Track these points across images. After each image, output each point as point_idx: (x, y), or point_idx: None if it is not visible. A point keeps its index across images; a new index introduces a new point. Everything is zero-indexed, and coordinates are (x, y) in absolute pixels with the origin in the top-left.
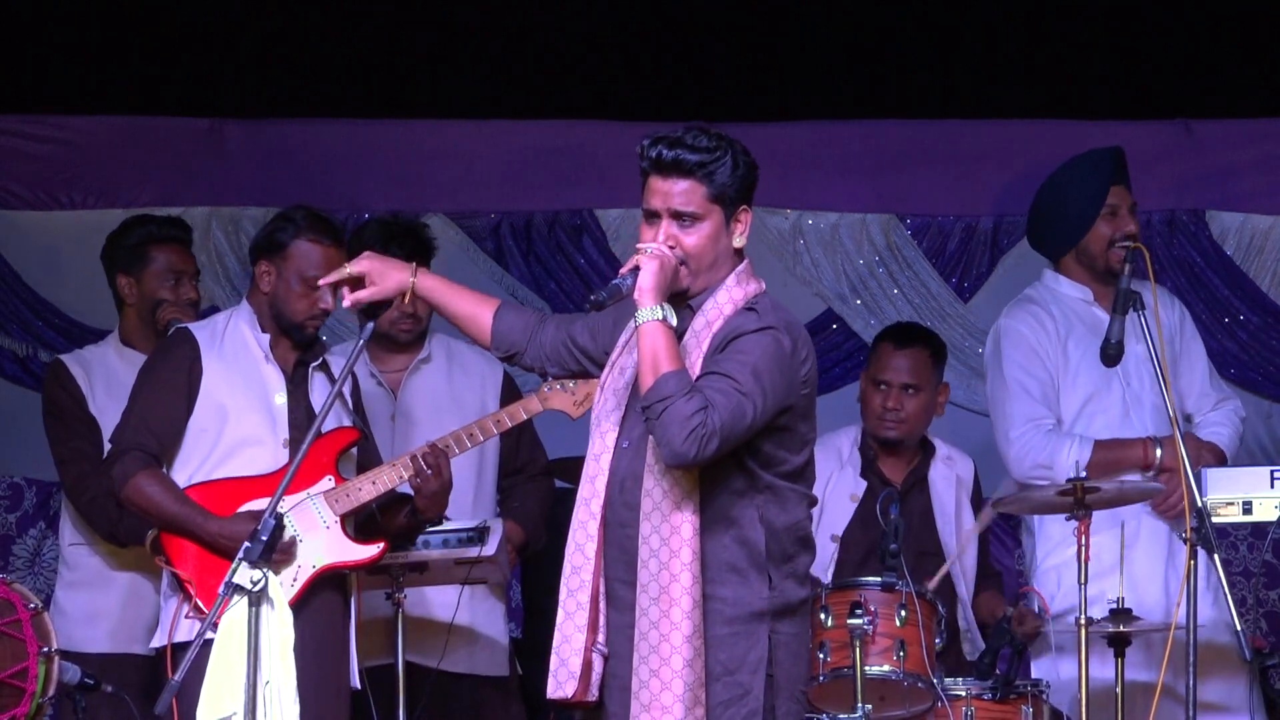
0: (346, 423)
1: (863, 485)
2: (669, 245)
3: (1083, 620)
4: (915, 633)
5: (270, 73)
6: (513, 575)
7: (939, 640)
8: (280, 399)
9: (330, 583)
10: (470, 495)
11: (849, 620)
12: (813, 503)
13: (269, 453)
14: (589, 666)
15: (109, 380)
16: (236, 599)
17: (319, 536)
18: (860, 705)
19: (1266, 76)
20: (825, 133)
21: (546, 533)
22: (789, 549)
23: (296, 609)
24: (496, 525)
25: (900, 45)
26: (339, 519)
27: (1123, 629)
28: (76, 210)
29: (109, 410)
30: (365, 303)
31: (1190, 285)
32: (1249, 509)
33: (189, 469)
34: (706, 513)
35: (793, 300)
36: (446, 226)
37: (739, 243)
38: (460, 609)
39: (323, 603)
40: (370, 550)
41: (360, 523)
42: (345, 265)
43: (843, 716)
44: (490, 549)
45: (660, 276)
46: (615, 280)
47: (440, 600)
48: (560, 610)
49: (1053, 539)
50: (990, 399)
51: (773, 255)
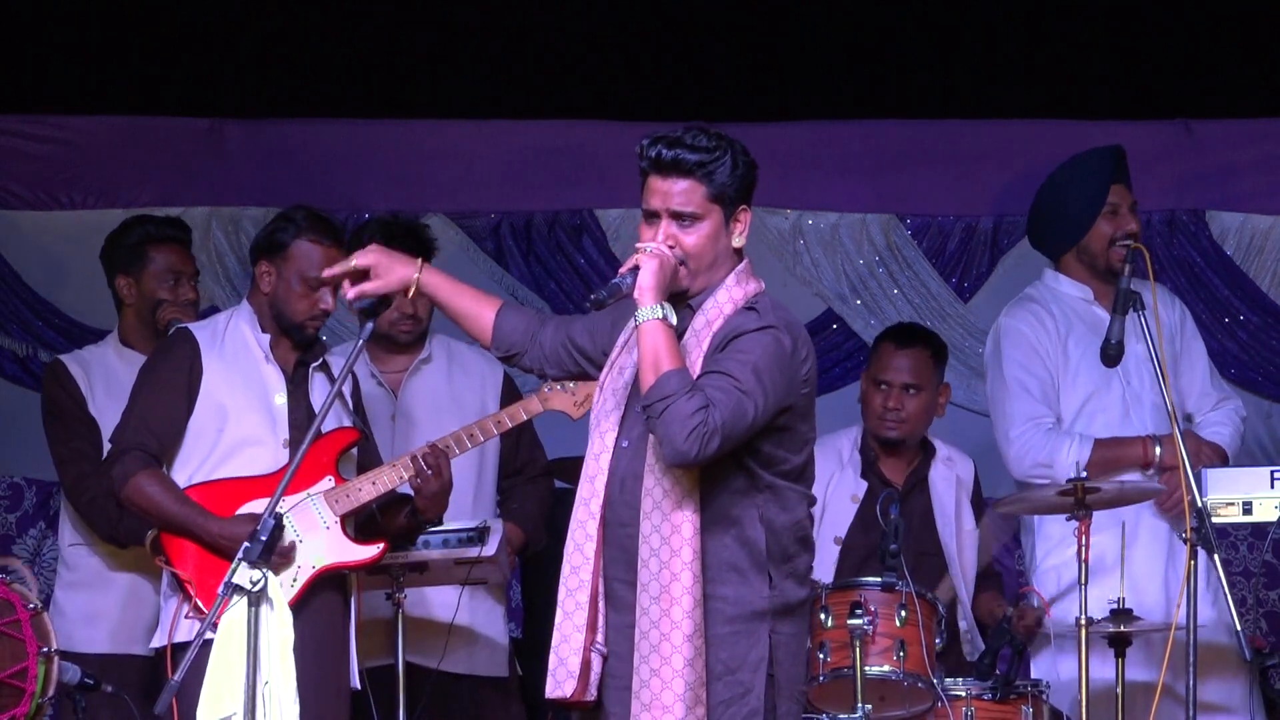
0: (347, 423)
1: (863, 486)
2: (668, 245)
3: (1083, 620)
4: (915, 633)
5: (270, 73)
6: (513, 576)
7: (939, 640)
8: (280, 399)
9: (330, 583)
10: (470, 496)
11: (849, 620)
12: (812, 502)
13: (269, 453)
14: (588, 666)
15: (108, 381)
16: (236, 599)
17: (319, 537)
18: (860, 705)
19: (1266, 76)
20: (825, 133)
21: (546, 533)
22: (789, 549)
23: (296, 609)
24: (496, 525)
25: (900, 45)
26: (339, 519)
27: (1123, 629)
28: (76, 210)
29: (108, 411)
30: (370, 296)
31: (1190, 285)
32: (1249, 509)
33: (189, 469)
34: (707, 512)
35: (793, 300)
36: (446, 226)
37: (738, 242)
38: (460, 609)
39: (323, 603)
40: (370, 551)
41: (360, 523)
42: (352, 257)
43: (843, 716)
44: (490, 549)
45: (660, 275)
46: (615, 279)
47: (440, 601)
48: (559, 610)
49: (1052, 539)
50: (990, 398)
51: (773, 255)
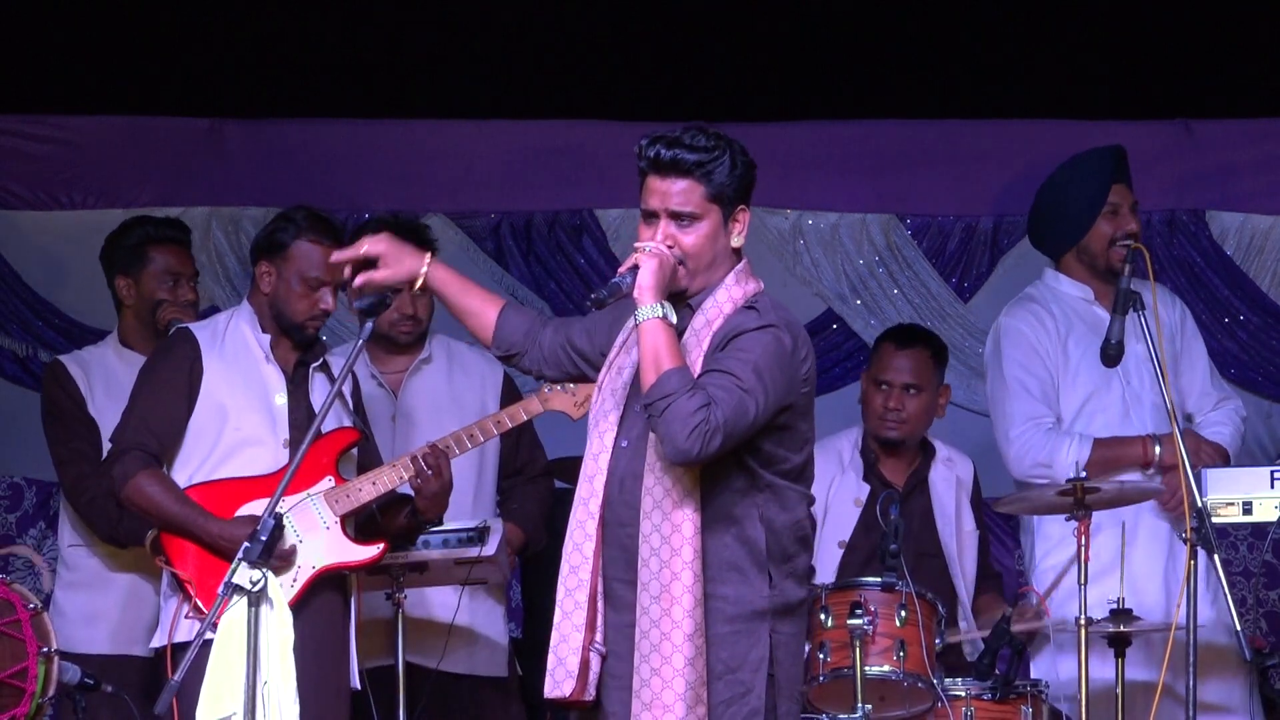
0: (347, 423)
1: (866, 490)
2: (667, 245)
3: (1083, 620)
4: (915, 633)
5: (270, 73)
6: (513, 576)
7: (939, 640)
8: (280, 399)
9: (330, 583)
10: (470, 496)
11: (849, 620)
12: (811, 502)
13: (269, 453)
14: (586, 666)
15: (108, 381)
16: (236, 599)
17: (319, 537)
18: (860, 705)
19: (1266, 76)
20: (825, 133)
21: (546, 533)
22: (789, 548)
23: (296, 609)
24: (496, 525)
25: (900, 45)
26: (339, 519)
27: (1123, 629)
28: (76, 210)
29: (108, 411)
30: (377, 285)
31: (1190, 285)
32: (1249, 509)
33: (189, 469)
34: (707, 511)
35: (793, 300)
36: (446, 226)
37: (737, 242)
38: (460, 609)
39: (323, 603)
40: (370, 551)
41: (360, 523)
42: (361, 242)
43: (843, 716)
44: (490, 549)
45: (660, 274)
46: (614, 279)
47: (440, 601)
48: (557, 609)
49: (1052, 539)
50: (990, 398)
51: (773, 255)
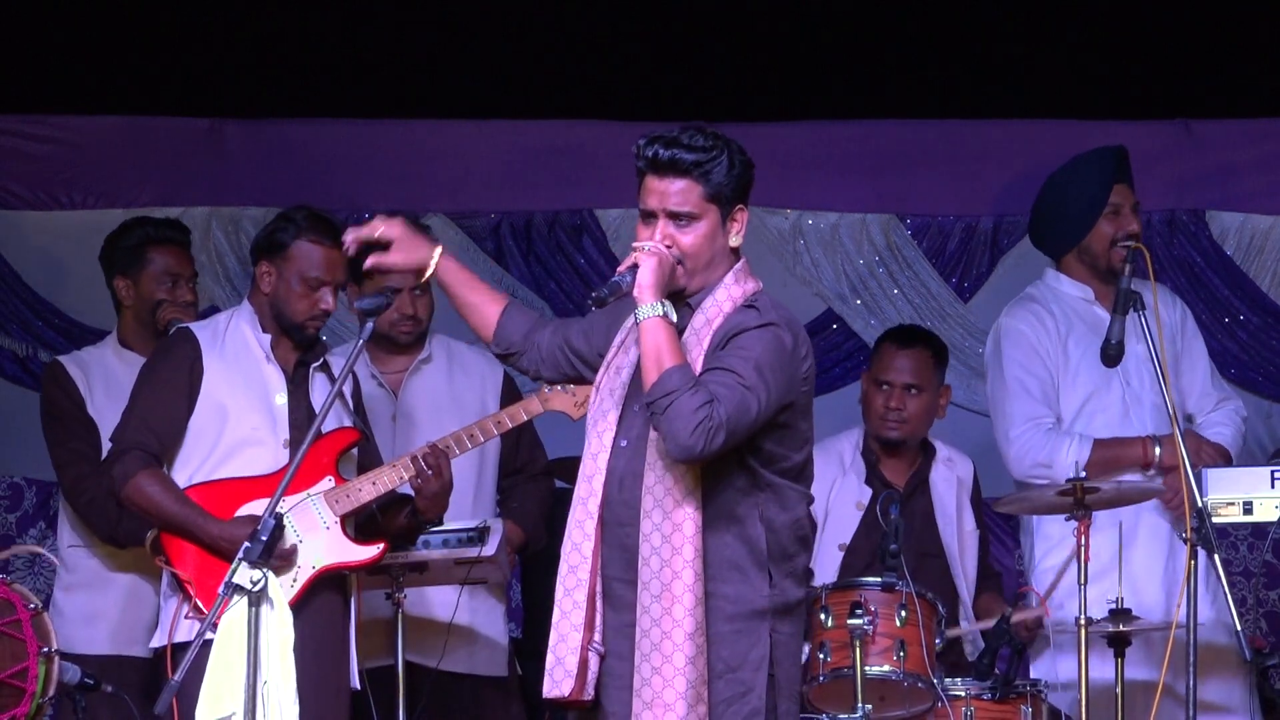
0: (347, 423)
1: (868, 493)
2: (665, 245)
3: (1083, 620)
4: (915, 633)
5: (270, 73)
6: (513, 575)
7: (939, 640)
8: (281, 399)
9: (330, 583)
10: (470, 496)
11: (849, 620)
12: (810, 501)
13: (269, 453)
14: (585, 665)
15: (107, 382)
16: (236, 599)
17: (319, 537)
18: (860, 705)
19: (1266, 76)
20: (825, 133)
21: (546, 532)
22: (789, 548)
23: (296, 609)
24: (496, 525)
25: (900, 45)
26: (339, 519)
27: (1122, 629)
28: (76, 210)
29: (107, 412)
30: (387, 268)
31: (1190, 285)
32: (1249, 509)
33: (189, 469)
34: (708, 510)
35: (793, 300)
36: (446, 226)
37: (735, 242)
38: (460, 609)
39: (323, 603)
40: (370, 551)
41: (360, 523)
42: (377, 221)
43: (843, 716)
44: (490, 549)
45: (659, 273)
46: (615, 277)
47: (440, 600)
48: (556, 609)
49: (1051, 539)
50: (990, 398)
51: (773, 255)
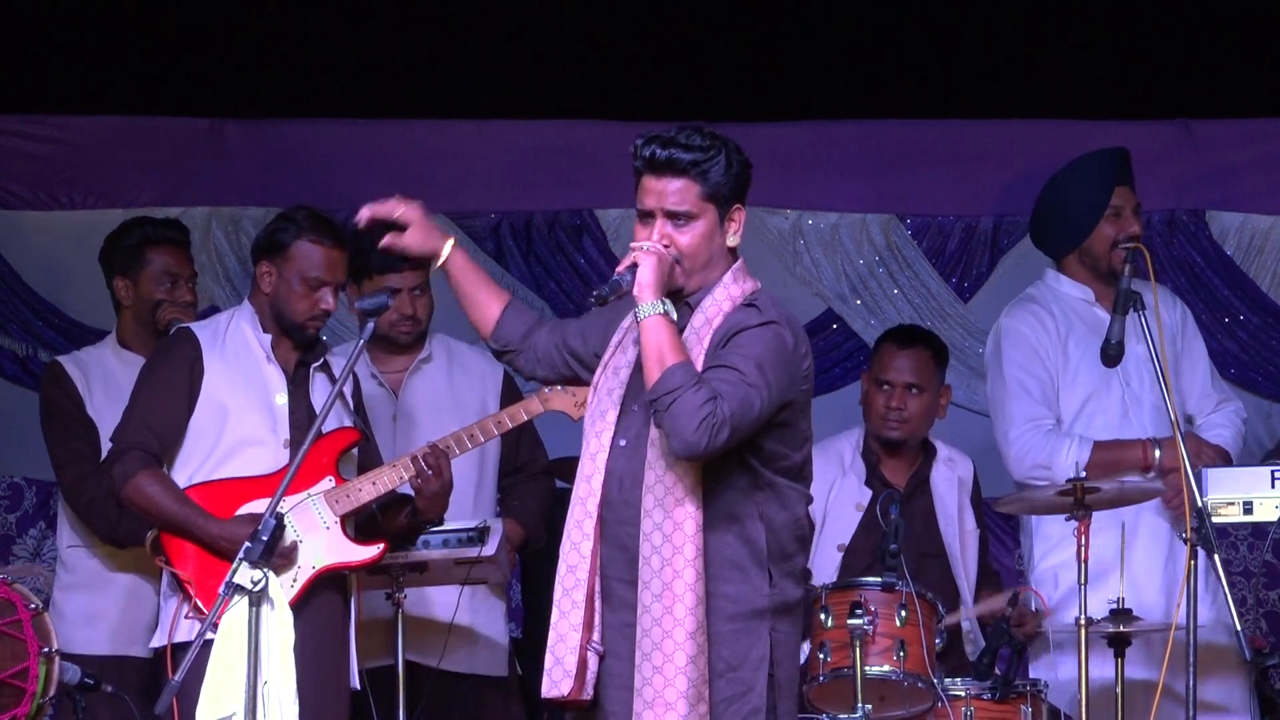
0: (347, 423)
1: (868, 495)
2: (663, 244)
3: (1083, 620)
4: (915, 633)
5: (270, 73)
6: (513, 575)
7: (940, 641)
8: (281, 399)
9: (330, 583)
10: (471, 495)
11: (849, 620)
12: (810, 501)
13: (270, 453)
14: (584, 665)
15: (107, 382)
16: (236, 599)
17: (319, 537)
18: (860, 705)
19: (1266, 76)
20: (825, 133)
21: (546, 532)
22: (788, 547)
23: (296, 609)
24: (497, 525)
25: (900, 45)
26: (339, 519)
27: (1123, 629)
28: (76, 210)
29: (107, 412)
30: (400, 249)
31: (1190, 285)
32: (1249, 509)
33: (189, 469)
34: (709, 509)
35: (793, 300)
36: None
37: (733, 241)
38: (460, 609)
39: (323, 603)
40: (370, 551)
41: (360, 523)
42: (396, 201)
43: (843, 716)
44: (490, 549)
45: (659, 271)
46: (615, 276)
47: (440, 600)
48: (555, 609)
49: (1051, 539)
50: (990, 399)
51: (772, 255)
